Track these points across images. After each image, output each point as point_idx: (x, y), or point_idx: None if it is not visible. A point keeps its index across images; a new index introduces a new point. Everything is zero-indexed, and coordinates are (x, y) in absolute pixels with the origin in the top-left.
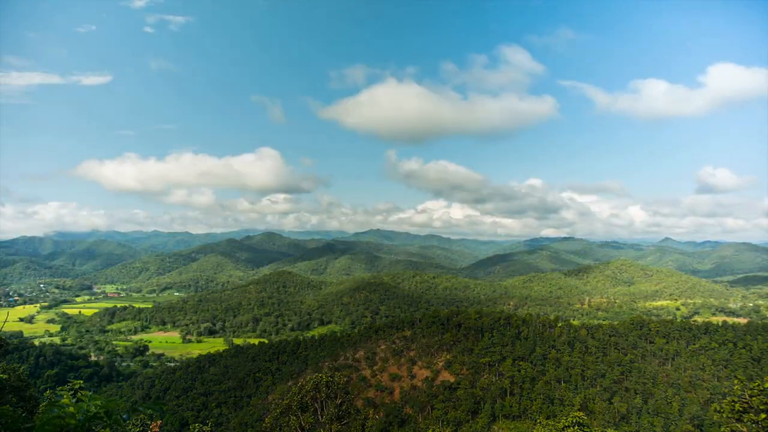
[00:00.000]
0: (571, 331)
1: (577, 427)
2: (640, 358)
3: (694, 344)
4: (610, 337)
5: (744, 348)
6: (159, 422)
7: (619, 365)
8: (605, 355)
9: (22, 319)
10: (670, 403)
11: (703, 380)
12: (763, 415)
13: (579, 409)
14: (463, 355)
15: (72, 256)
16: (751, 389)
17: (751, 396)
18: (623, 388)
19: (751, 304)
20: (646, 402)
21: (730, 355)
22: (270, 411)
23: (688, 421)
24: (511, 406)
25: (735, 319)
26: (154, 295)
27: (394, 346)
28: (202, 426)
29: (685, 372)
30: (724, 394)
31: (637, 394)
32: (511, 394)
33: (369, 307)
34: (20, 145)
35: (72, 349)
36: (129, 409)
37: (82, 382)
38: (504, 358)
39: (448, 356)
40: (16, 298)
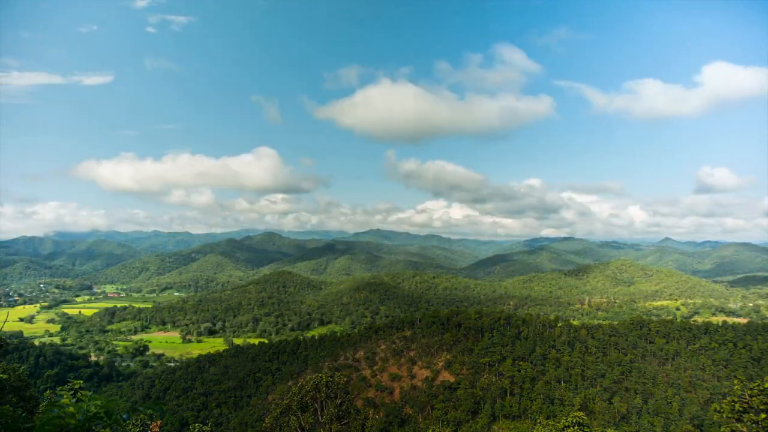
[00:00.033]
0: (571, 331)
1: (577, 427)
2: (640, 358)
3: (694, 344)
4: (610, 337)
5: (744, 348)
6: (159, 422)
7: (619, 365)
8: (605, 355)
9: (22, 319)
10: (670, 403)
11: (703, 380)
12: (763, 415)
13: (579, 409)
14: (463, 355)
15: (72, 256)
16: (751, 389)
17: (751, 396)
18: (623, 388)
19: (751, 304)
20: (646, 402)
21: (730, 355)
22: (270, 411)
23: (688, 421)
24: (511, 406)
25: (735, 319)
26: (154, 295)
27: (394, 346)
28: (202, 426)
29: (685, 372)
30: (724, 394)
31: (637, 394)
32: (511, 394)
33: (369, 307)
34: (20, 145)
35: (72, 349)
36: (129, 409)
37: (82, 382)
38: (504, 358)
39: (448, 356)
40: (16, 298)
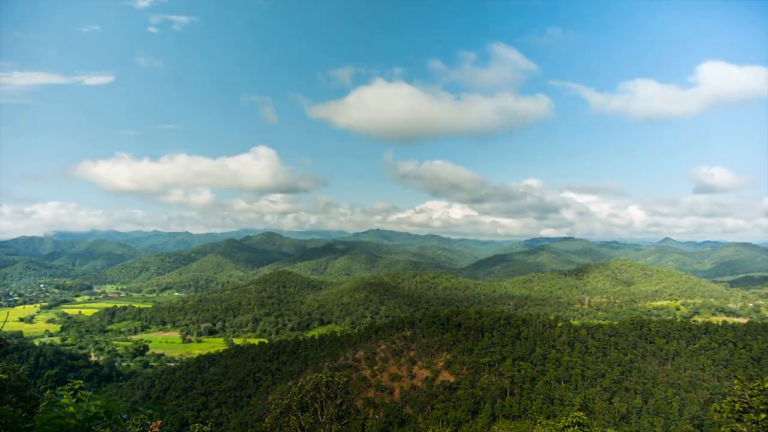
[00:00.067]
0: (571, 331)
1: (577, 427)
2: (640, 358)
3: (694, 344)
4: (610, 337)
5: (744, 348)
6: (159, 422)
7: (619, 365)
8: (605, 355)
9: (22, 319)
10: (670, 403)
11: (703, 380)
12: (763, 415)
13: (579, 409)
14: (463, 355)
15: (72, 256)
16: (751, 389)
17: (751, 396)
18: (623, 388)
19: (751, 304)
20: (646, 402)
21: (730, 355)
22: (270, 411)
23: (688, 421)
24: (511, 406)
25: (735, 319)
26: (154, 295)
27: (394, 346)
28: (202, 426)
29: (685, 372)
30: (724, 394)
31: (637, 394)
32: (511, 394)
33: (369, 307)
34: (20, 145)
35: (72, 349)
36: (129, 409)
37: (82, 382)
38: (504, 358)
39: (448, 356)
40: (16, 298)
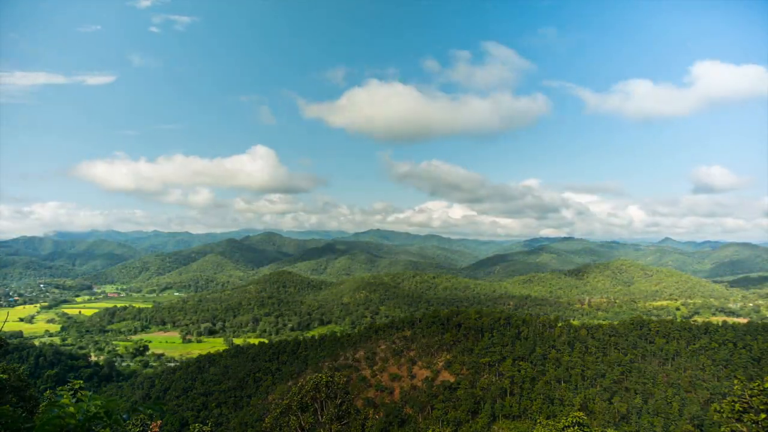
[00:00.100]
0: (571, 331)
1: (577, 427)
2: (640, 358)
3: (694, 344)
4: (610, 337)
5: (744, 348)
6: (159, 422)
7: (619, 365)
8: (605, 355)
9: (22, 319)
10: (670, 403)
11: (703, 380)
12: (763, 415)
13: (579, 409)
14: (463, 355)
15: (72, 256)
16: (751, 389)
17: (751, 396)
18: (623, 388)
19: (751, 304)
20: (646, 402)
21: (730, 355)
22: (270, 411)
23: (688, 421)
24: (511, 406)
25: (735, 319)
26: (154, 295)
27: (394, 346)
28: (202, 426)
29: (685, 372)
30: (724, 394)
31: (637, 394)
32: (511, 394)
33: (369, 307)
34: (19, 144)
35: (72, 349)
36: (129, 409)
37: (82, 382)
38: (504, 358)
39: (448, 356)
40: (16, 298)
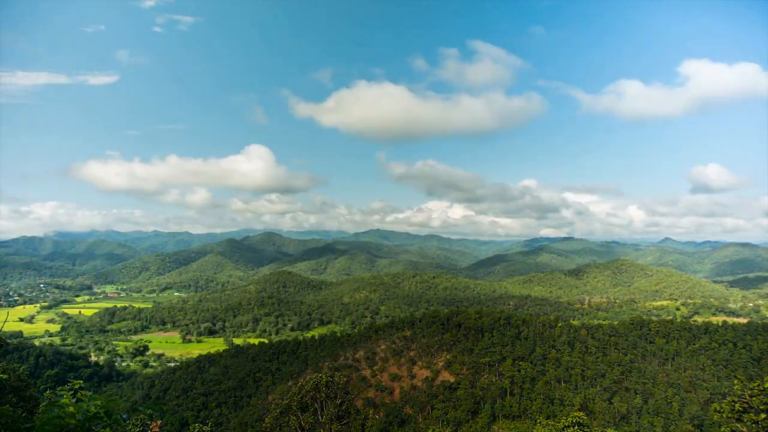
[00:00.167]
0: (571, 331)
1: (577, 427)
2: (640, 358)
3: (694, 344)
4: (610, 337)
5: (744, 348)
6: (159, 422)
7: (619, 365)
8: (605, 355)
9: (22, 319)
10: (670, 403)
11: (703, 380)
12: (763, 415)
13: (579, 409)
14: (463, 355)
15: (72, 257)
16: (751, 389)
17: (751, 396)
18: (623, 388)
19: (751, 304)
20: (646, 402)
21: (730, 355)
22: (270, 411)
23: (688, 421)
24: (511, 406)
25: (735, 319)
26: (154, 295)
27: (394, 346)
28: (202, 426)
29: (685, 372)
30: (724, 394)
31: (637, 394)
32: (511, 394)
33: (369, 307)
34: (19, 144)
35: (72, 349)
36: (129, 409)
37: (82, 382)
38: (504, 358)
39: (448, 356)
40: (16, 298)
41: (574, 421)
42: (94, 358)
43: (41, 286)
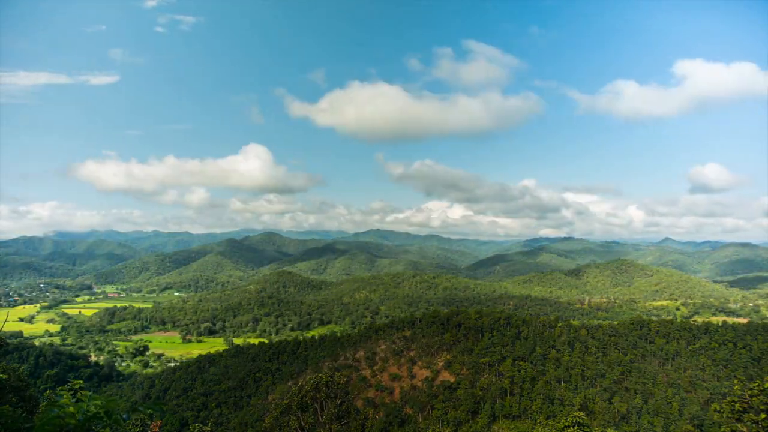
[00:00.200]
0: (571, 331)
1: (577, 427)
2: (640, 358)
3: (694, 344)
4: (610, 337)
5: (744, 348)
6: (159, 422)
7: (619, 365)
8: (605, 355)
9: (22, 319)
10: (670, 403)
11: (703, 380)
12: (763, 415)
13: (579, 409)
14: (463, 355)
15: (72, 257)
16: (751, 389)
17: (751, 396)
18: (623, 388)
19: (751, 304)
20: (646, 402)
21: (730, 355)
22: (270, 411)
23: (688, 421)
24: (511, 406)
25: (735, 319)
26: (154, 295)
27: (394, 346)
28: (202, 426)
29: (685, 372)
30: (724, 394)
31: (637, 394)
32: (511, 394)
33: (369, 307)
34: (19, 144)
35: (72, 349)
36: (129, 409)
37: (82, 382)
38: (504, 358)
39: (448, 356)
40: (16, 298)
41: (574, 421)
42: (94, 358)
43: (41, 286)
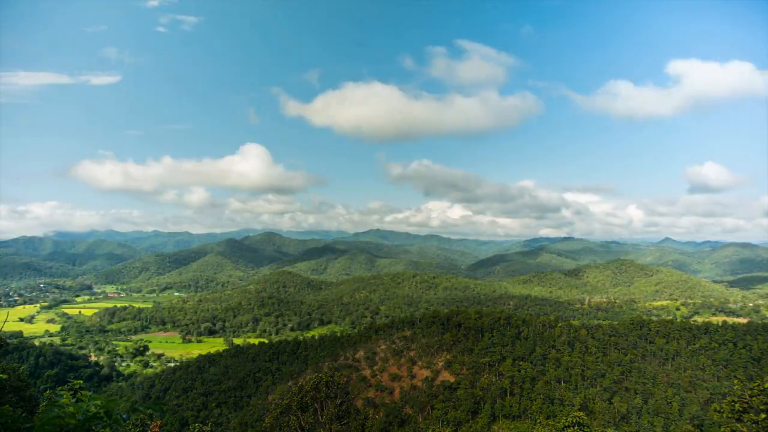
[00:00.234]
0: (571, 331)
1: (577, 427)
2: (640, 358)
3: (694, 344)
4: (610, 337)
5: (744, 348)
6: (159, 422)
7: (619, 365)
8: (605, 355)
9: (22, 319)
10: (670, 403)
11: (703, 380)
12: (763, 415)
13: (579, 409)
14: (463, 355)
15: (72, 257)
16: (751, 389)
17: (751, 396)
18: (623, 388)
19: (751, 304)
20: (646, 402)
21: (730, 355)
22: (270, 411)
23: (688, 421)
24: (511, 406)
25: (735, 319)
26: (154, 295)
27: (394, 346)
28: (202, 426)
29: (685, 372)
30: (724, 394)
31: (637, 394)
32: (511, 394)
33: (369, 307)
34: (19, 144)
35: (72, 349)
36: (129, 409)
37: (82, 382)
38: (504, 358)
39: (448, 356)
40: (16, 298)
41: (574, 421)
42: (94, 358)
43: (41, 286)
